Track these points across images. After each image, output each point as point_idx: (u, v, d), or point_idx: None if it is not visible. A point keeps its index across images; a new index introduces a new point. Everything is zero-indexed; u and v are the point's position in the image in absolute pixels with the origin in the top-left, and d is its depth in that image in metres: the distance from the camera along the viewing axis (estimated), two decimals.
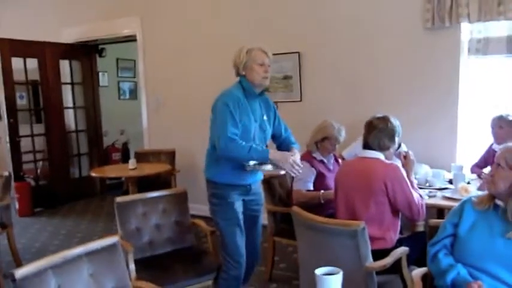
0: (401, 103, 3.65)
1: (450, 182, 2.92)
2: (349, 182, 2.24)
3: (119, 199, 2.53)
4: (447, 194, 2.62)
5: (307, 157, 2.83)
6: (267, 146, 2.35)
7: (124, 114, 6.77)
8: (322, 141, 2.87)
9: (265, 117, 2.37)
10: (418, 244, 2.17)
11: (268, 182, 3.04)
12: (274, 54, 4.01)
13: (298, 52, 4.06)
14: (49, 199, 5.48)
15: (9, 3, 6.14)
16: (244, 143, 2.17)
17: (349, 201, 2.23)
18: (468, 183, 2.78)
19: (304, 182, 2.83)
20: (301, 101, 4.13)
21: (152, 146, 5.16)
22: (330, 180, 2.83)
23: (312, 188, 2.82)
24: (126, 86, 7.15)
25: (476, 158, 3.26)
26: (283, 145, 2.45)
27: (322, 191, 2.75)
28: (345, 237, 1.92)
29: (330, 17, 3.92)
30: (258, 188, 2.46)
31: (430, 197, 2.62)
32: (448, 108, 3.47)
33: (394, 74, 3.68)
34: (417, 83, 3.58)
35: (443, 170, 3.20)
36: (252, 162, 2.21)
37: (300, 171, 2.24)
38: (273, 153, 2.22)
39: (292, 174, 2.28)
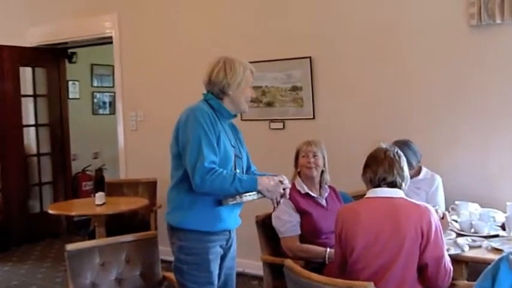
0: (440, 122, 3.60)
1: (503, 227, 2.83)
2: (374, 226, 2.20)
3: (69, 246, 2.52)
4: (495, 243, 2.52)
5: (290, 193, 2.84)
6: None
7: (99, 133, 6.85)
8: (297, 161, 2.99)
9: (237, 142, 2.42)
10: None
11: (263, 224, 3.01)
12: (279, 60, 4.21)
13: (310, 57, 4.06)
14: (1, 240, 5.51)
15: None
16: (225, 171, 2.18)
17: (373, 252, 2.18)
18: None
19: (293, 226, 2.85)
20: (314, 118, 4.12)
21: (130, 174, 5.20)
22: (322, 220, 2.85)
23: (299, 232, 2.86)
24: (102, 98, 7.26)
25: None
26: None
27: (328, 249, 2.76)
28: None
29: (349, 13, 3.93)
30: (234, 236, 2.44)
31: (472, 247, 2.53)
32: (505, 128, 3.40)
33: (431, 86, 3.63)
34: (461, 96, 3.53)
35: (497, 211, 3.11)
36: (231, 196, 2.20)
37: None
38: (262, 181, 2.21)
39: (275, 205, 2.31)
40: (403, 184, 2.26)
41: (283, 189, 2.26)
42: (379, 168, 2.24)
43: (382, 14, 3.79)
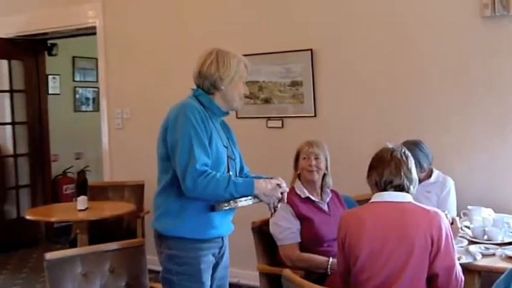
0: (452, 121, 3.63)
1: None
2: (380, 233, 2.21)
3: (49, 255, 2.52)
4: (509, 251, 2.53)
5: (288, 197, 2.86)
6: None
7: (82, 131, 6.85)
8: (297, 163, 3.00)
9: (230, 142, 2.43)
10: None
11: (259, 230, 3.01)
12: (277, 53, 4.22)
13: (311, 49, 4.08)
14: None
15: None
16: (218, 174, 2.19)
17: (379, 261, 2.18)
18: None
19: (292, 233, 2.86)
20: (315, 116, 4.13)
21: (115, 177, 5.20)
22: (324, 227, 2.87)
23: (299, 239, 2.87)
24: (85, 93, 7.26)
25: None
26: None
27: (331, 259, 2.77)
28: None
29: (355, 2, 3.94)
30: (227, 243, 2.45)
31: (485, 255, 2.54)
32: None
33: (442, 81, 3.65)
34: (474, 92, 3.55)
35: None
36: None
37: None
38: (259, 184, 2.23)
39: (272, 210, 2.32)
40: (411, 187, 2.26)
41: (281, 193, 2.28)
42: (385, 170, 2.25)
43: (390, 4, 3.80)
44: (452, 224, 2.43)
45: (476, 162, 3.54)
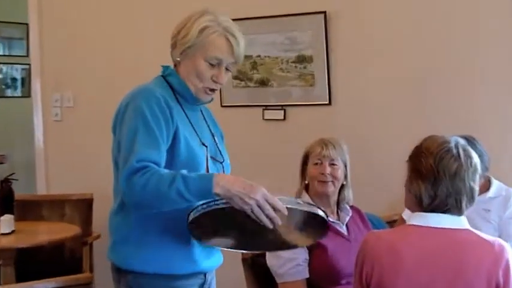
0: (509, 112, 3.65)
1: None
2: (425, 275, 2.16)
3: None
4: None
5: None
6: None
7: (7, 125, 6.92)
8: (305, 169, 3.02)
9: (215, 139, 2.43)
10: None
11: (253, 263, 3.02)
12: (278, 16, 4.21)
13: (325, 12, 4.08)
14: None
15: None
16: (165, 170, 2.11)
17: None
18: None
19: (297, 266, 2.85)
20: (329, 104, 4.15)
21: (52, 188, 5.22)
22: (342, 256, 2.87)
23: (307, 275, 2.87)
24: (11, 72, 7.30)
25: None
26: None
27: None
28: None
29: None
30: (213, 278, 2.44)
31: None
32: None
33: (501, 61, 3.67)
34: None
35: None
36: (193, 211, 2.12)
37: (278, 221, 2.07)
38: (221, 178, 2.07)
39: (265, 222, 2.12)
40: (469, 208, 2.21)
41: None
42: (441, 186, 2.15)
43: None
44: None
45: None
